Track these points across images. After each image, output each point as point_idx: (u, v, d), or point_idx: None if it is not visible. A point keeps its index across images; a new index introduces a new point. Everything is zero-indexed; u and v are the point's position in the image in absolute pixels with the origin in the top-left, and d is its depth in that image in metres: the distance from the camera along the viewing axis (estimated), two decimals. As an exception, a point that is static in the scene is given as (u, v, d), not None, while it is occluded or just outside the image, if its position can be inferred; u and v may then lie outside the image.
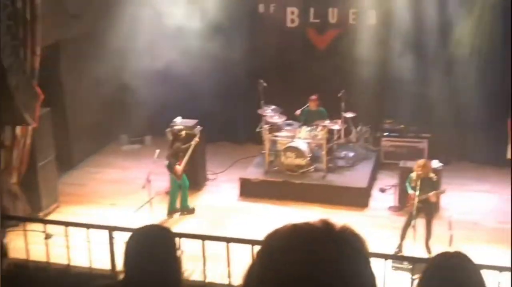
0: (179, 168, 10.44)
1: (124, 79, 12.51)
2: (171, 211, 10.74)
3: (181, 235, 5.40)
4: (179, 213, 10.78)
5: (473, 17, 11.65)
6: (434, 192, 8.98)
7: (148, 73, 12.28)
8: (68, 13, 11.52)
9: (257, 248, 1.77)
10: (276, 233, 1.68)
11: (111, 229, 5.73)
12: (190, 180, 11.08)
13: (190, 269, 6.15)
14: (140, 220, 10.15)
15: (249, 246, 5.49)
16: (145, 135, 13.79)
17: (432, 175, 9.19)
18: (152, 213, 9.90)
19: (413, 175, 9.08)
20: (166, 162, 10.58)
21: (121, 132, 13.84)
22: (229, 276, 6.49)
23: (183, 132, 10.64)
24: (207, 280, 6.56)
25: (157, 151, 9.90)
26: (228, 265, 6.25)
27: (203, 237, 5.67)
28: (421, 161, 9.15)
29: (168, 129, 11.46)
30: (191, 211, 10.80)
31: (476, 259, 3.02)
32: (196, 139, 10.77)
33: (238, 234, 9.55)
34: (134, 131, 13.75)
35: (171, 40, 12.13)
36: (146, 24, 12.27)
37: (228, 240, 5.53)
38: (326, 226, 1.66)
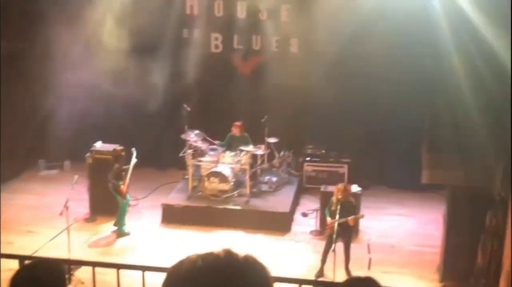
0: (123, 187, 10.44)
1: (42, 103, 12.21)
2: (121, 233, 10.68)
3: (95, 264, 5.23)
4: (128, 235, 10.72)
5: (390, 47, 12.09)
6: (352, 216, 9.14)
7: (68, 97, 12.03)
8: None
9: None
10: (181, 264, 1.69)
11: (22, 258, 5.49)
12: (111, 205, 10.94)
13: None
14: (58, 247, 9.86)
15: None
16: (64, 160, 13.44)
17: (351, 199, 9.40)
18: (70, 240, 9.58)
19: (334, 199, 9.26)
20: (109, 184, 10.50)
21: (39, 157, 13.43)
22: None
23: (124, 153, 10.70)
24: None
25: (76, 176, 9.67)
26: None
27: (118, 266, 5.49)
28: (340, 186, 9.35)
29: (88, 154, 11.24)
30: (127, 234, 10.75)
31: (391, 282, 3.11)
32: (134, 159, 10.73)
33: (160, 262, 9.45)
34: (52, 156, 13.39)
35: (92, 64, 11.96)
36: (66, 47, 12.04)
37: (144, 268, 5.38)
38: (229, 256, 1.68)
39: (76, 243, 9.76)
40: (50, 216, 10.93)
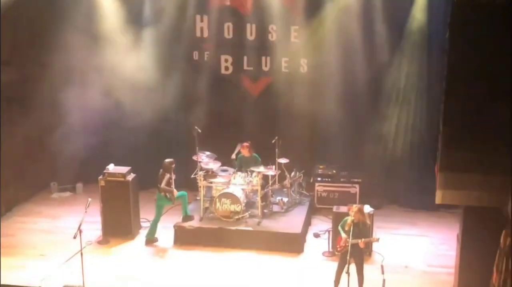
0: (175, 191, 11.12)
1: (55, 126, 12.30)
2: (150, 239, 11.11)
3: None
4: (156, 242, 11.18)
5: (400, 67, 12.14)
6: (364, 239, 9.01)
7: (80, 119, 12.13)
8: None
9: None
10: None
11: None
12: (124, 227, 11.14)
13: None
14: (71, 271, 9.87)
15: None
16: (76, 182, 13.50)
17: (366, 221, 9.31)
18: (83, 263, 9.58)
19: (348, 219, 9.18)
20: (160, 194, 11.06)
21: (50, 179, 13.49)
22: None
23: (173, 165, 11.16)
24: None
25: (89, 199, 9.68)
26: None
27: None
28: (355, 207, 9.25)
29: (101, 177, 11.28)
30: (191, 218, 11.40)
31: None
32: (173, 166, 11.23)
33: (174, 285, 9.45)
34: (64, 179, 13.46)
35: (104, 87, 12.05)
36: (78, 71, 12.15)
37: None
38: None
39: (89, 266, 9.74)
40: (62, 239, 10.95)
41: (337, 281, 9.26)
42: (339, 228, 9.33)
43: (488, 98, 7.36)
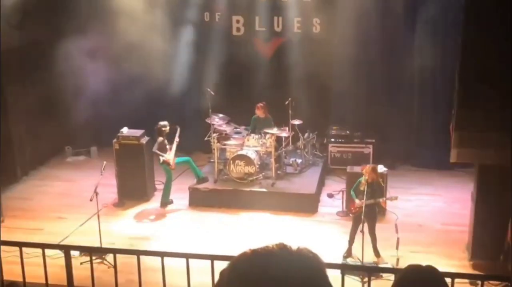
0: (170, 158, 10.94)
1: (68, 90, 12.35)
2: (165, 202, 11.18)
3: (140, 253, 5.26)
4: (171, 204, 11.25)
5: (415, 26, 11.97)
6: (385, 197, 9.10)
7: (92, 83, 12.14)
8: (9, 24, 11.26)
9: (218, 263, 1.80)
10: (239, 260, 1.74)
11: (67, 248, 5.57)
12: (138, 190, 11.14)
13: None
14: (88, 232, 10.03)
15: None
16: (90, 146, 13.59)
17: (380, 180, 9.35)
18: (100, 225, 9.72)
19: (362, 179, 9.21)
20: (160, 159, 10.96)
21: (65, 143, 13.60)
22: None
23: (167, 128, 11.03)
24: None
25: (104, 162, 9.77)
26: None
27: (162, 254, 5.49)
28: (369, 167, 9.28)
29: (115, 140, 11.36)
30: (206, 179, 11.45)
31: (419, 261, 3.10)
32: (177, 138, 11.16)
33: (189, 245, 9.57)
34: (78, 143, 13.56)
35: (115, 51, 12.02)
36: (90, 35, 12.10)
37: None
38: (283, 249, 1.73)
39: (106, 228, 9.88)
40: (79, 202, 11.08)
41: (351, 240, 9.34)
42: (352, 192, 9.37)
43: (503, 57, 7.27)
